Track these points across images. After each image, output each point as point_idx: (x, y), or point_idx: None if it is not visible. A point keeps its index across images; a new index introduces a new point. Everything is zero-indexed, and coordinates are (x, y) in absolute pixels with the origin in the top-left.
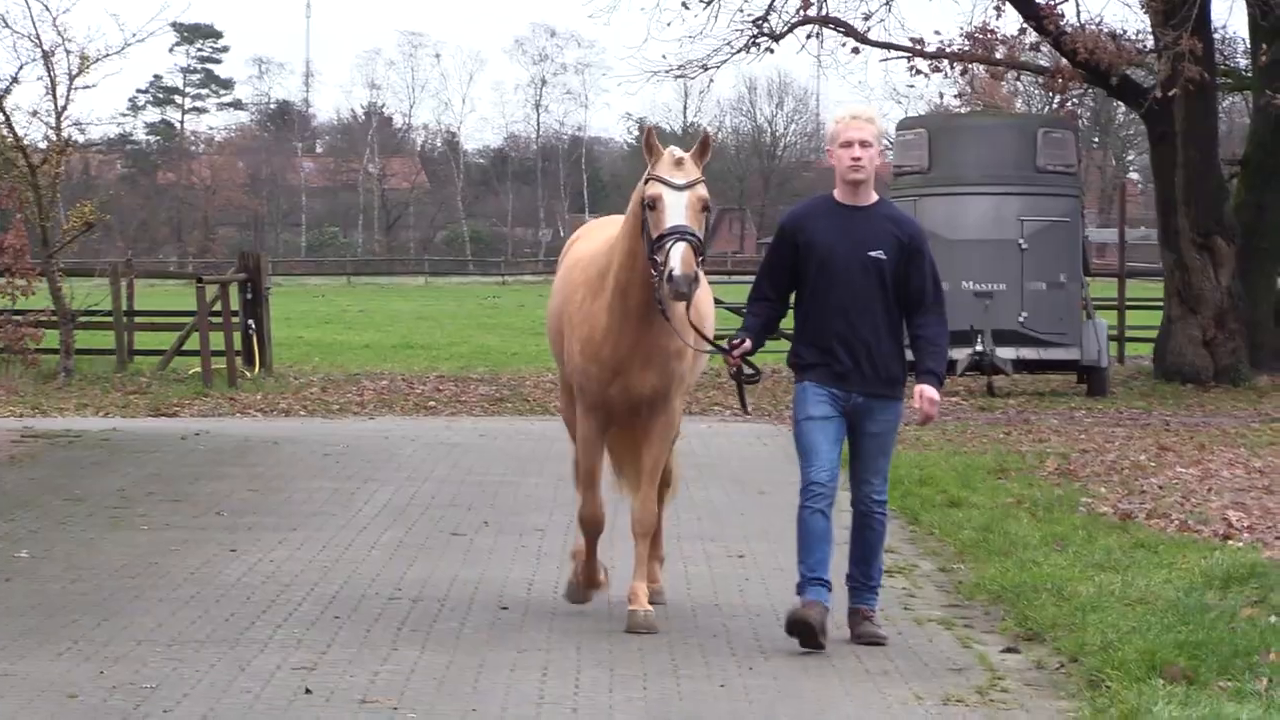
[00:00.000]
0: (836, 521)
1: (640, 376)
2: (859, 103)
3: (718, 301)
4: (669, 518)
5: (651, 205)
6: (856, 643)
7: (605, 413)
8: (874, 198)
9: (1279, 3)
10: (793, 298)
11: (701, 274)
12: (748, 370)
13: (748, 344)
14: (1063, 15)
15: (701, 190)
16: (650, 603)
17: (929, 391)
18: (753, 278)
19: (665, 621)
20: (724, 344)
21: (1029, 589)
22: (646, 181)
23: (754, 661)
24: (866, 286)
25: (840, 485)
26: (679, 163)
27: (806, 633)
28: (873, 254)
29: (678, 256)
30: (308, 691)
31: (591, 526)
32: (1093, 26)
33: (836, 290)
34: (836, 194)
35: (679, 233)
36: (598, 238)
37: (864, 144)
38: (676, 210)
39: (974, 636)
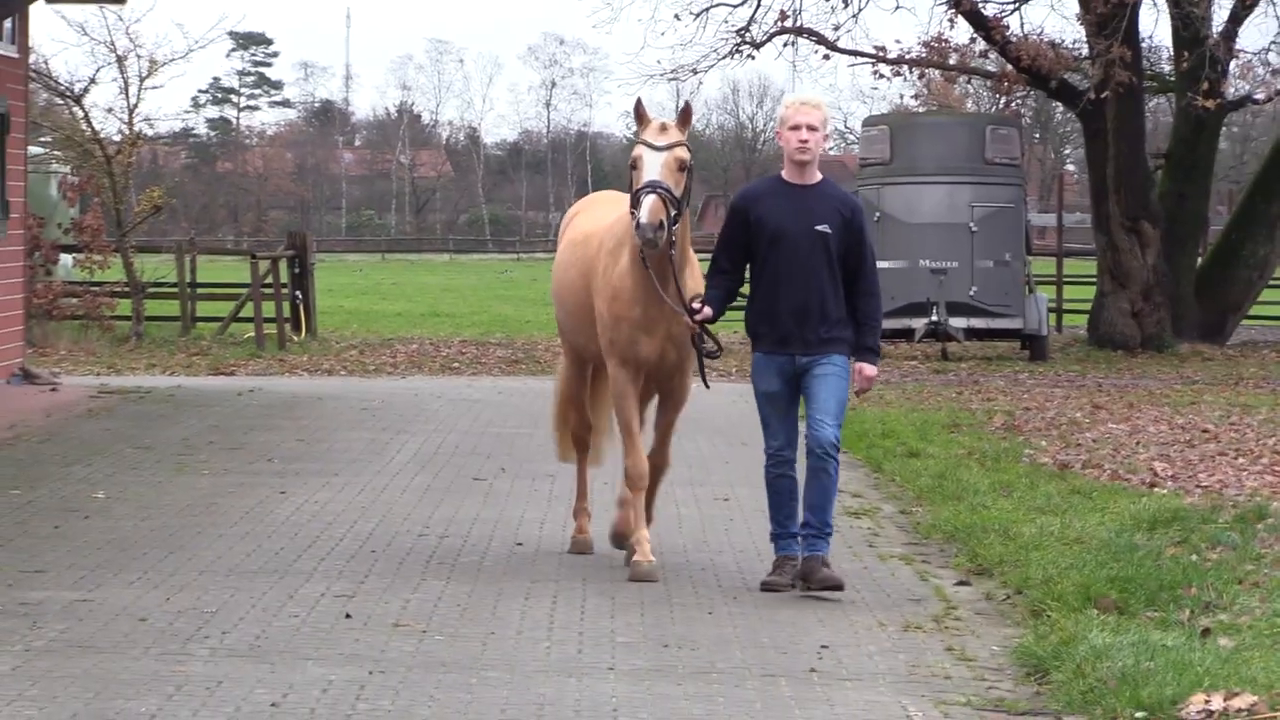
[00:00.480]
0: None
1: (665, 331)
2: (808, 91)
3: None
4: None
5: (633, 165)
6: (816, 587)
7: (635, 367)
8: (819, 177)
9: (1199, 15)
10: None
11: (693, 258)
12: (709, 345)
13: (708, 310)
14: (1008, 26)
15: (680, 152)
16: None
17: (867, 369)
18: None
19: (659, 556)
20: (689, 309)
21: (979, 529)
22: (635, 144)
23: (738, 593)
24: (814, 258)
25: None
26: (663, 128)
27: (777, 592)
28: (819, 228)
29: (646, 207)
30: (348, 616)
31: (638, 479)
32: (1034, 36)
33: (786, 261)
34: (784, 174)
35: (651, 186)
36: (600, 212)
37: (810, 128)
38: (653, 168)
39: (931, 571)
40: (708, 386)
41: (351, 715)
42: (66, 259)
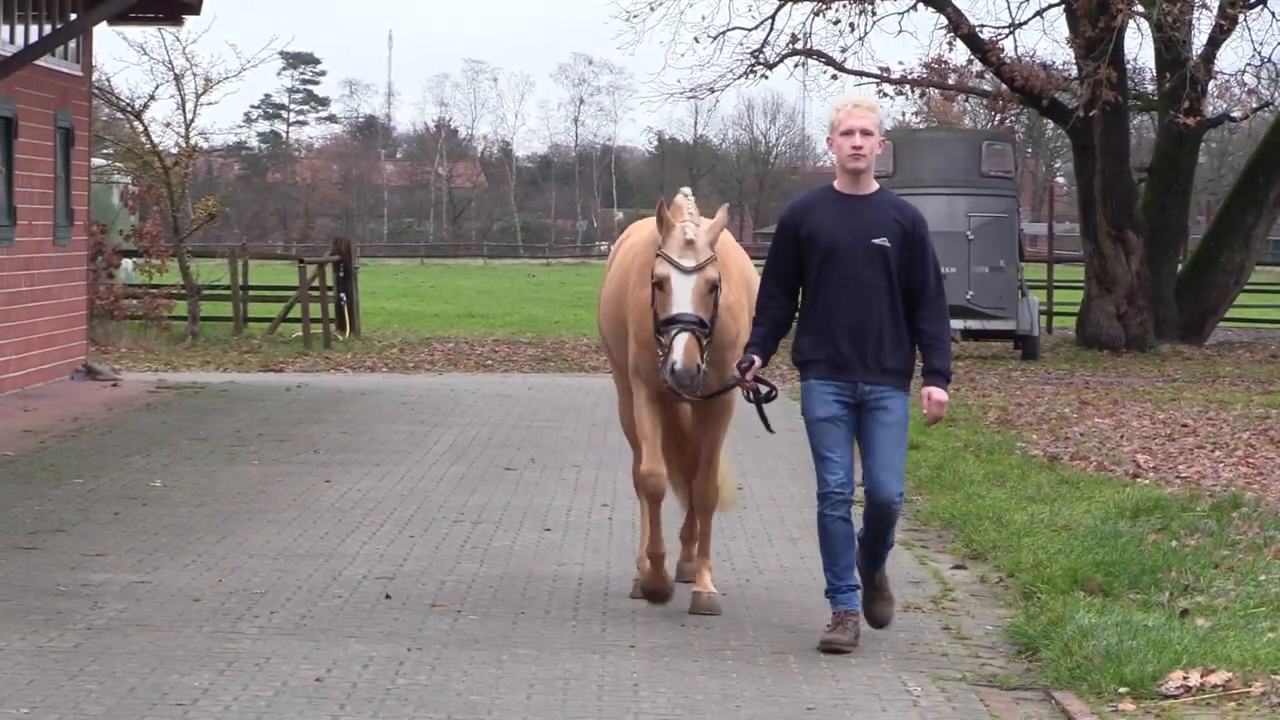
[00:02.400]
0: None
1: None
2: (859, 93)
3: None
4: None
5: (660, 285)
6: (876, 626)
7: (656, 388)
8: (874, 186)
9: (1180, 39)
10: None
11: (745, 273)
12: (764, 389)
13: (758, 362)
14: (1003, 49)
15: (710, 272)
16: (710, 610)
17: (937, 394)
18: (750, 254)
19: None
20: (735, 373)
21: (974, 517)
22: (656, 258)
23: (750, 575)
24: (871, 274)
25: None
26: (690, 243)
27: (839, 652)
28: (876, 241)
29: (680, 349)
30: (387, 597)
31: (653, 485)
32: (1027, 58)
33: (841, 279)
34: (837, 184)
35: (682, 323)
36: (646, 234)
37: (865, 132)
38: (683, 296)
39: (929, 556)
40: (771, 431)
41: (390, 690)
42: (127, 263)
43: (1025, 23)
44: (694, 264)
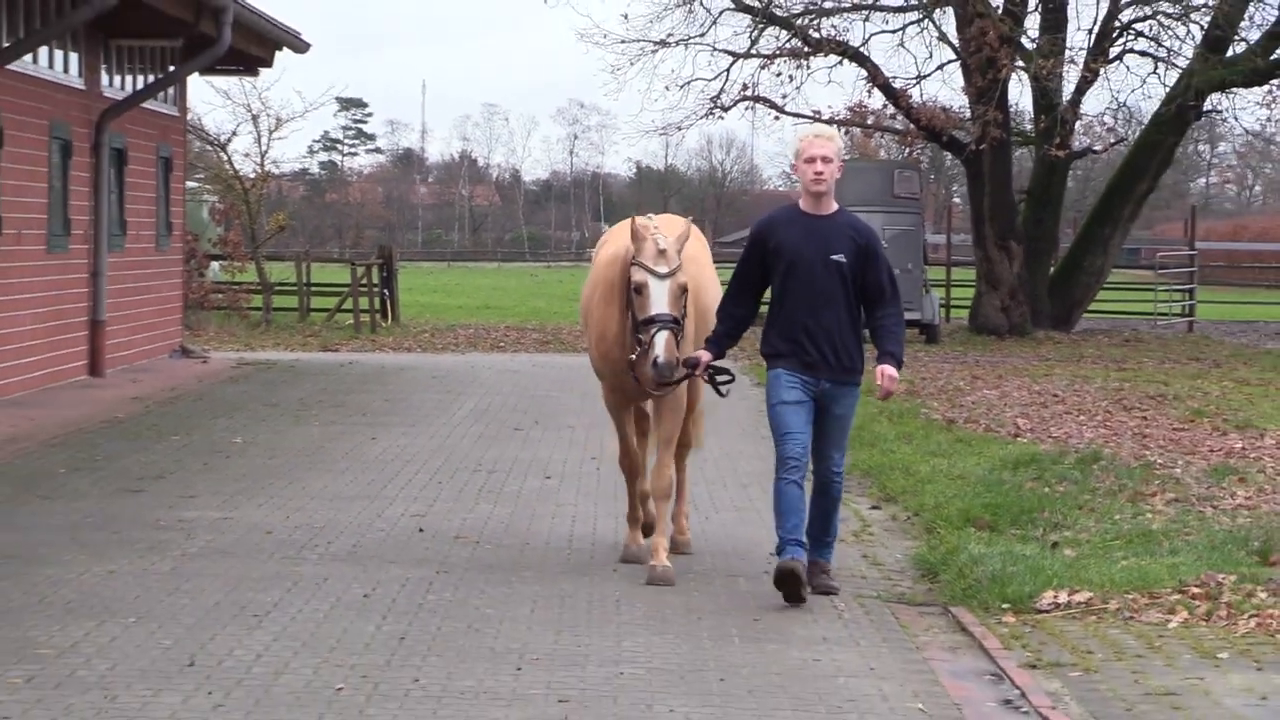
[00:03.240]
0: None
1: (645, 374)
2: (820, 124)
3: None
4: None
5: (638, 290)
6: (814, 592)
7: (623, 394)
8: (834, 207)
9: (1052, 88)
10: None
11: (714, 276)
12: (721, 377)
13: (707, 356)
14: (911, 96)
15: (681, 277)
16: (678, 552)
17: (890, 370)
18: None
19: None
20: (687, 365)
21: (887, 468)
22: (633, 265)
23: (709, 514)
24: (829, 285)
25: None
26: (662, 253)
27: (792, 582)
28: (834, 257)
29: (661, 344)
30: (420, 530)
31: (630, 469)
32: (930, 103)
33: (803, 289)
34: (801, 204)
35: (660, 322)
36: (619, 242)
37: (825, 159)
38: (659, 300)
39: (851, 499)
40: (722, 395)
41: (423, 604)
42: (215, 265)
43: (929, 75)
44: (667, 270)
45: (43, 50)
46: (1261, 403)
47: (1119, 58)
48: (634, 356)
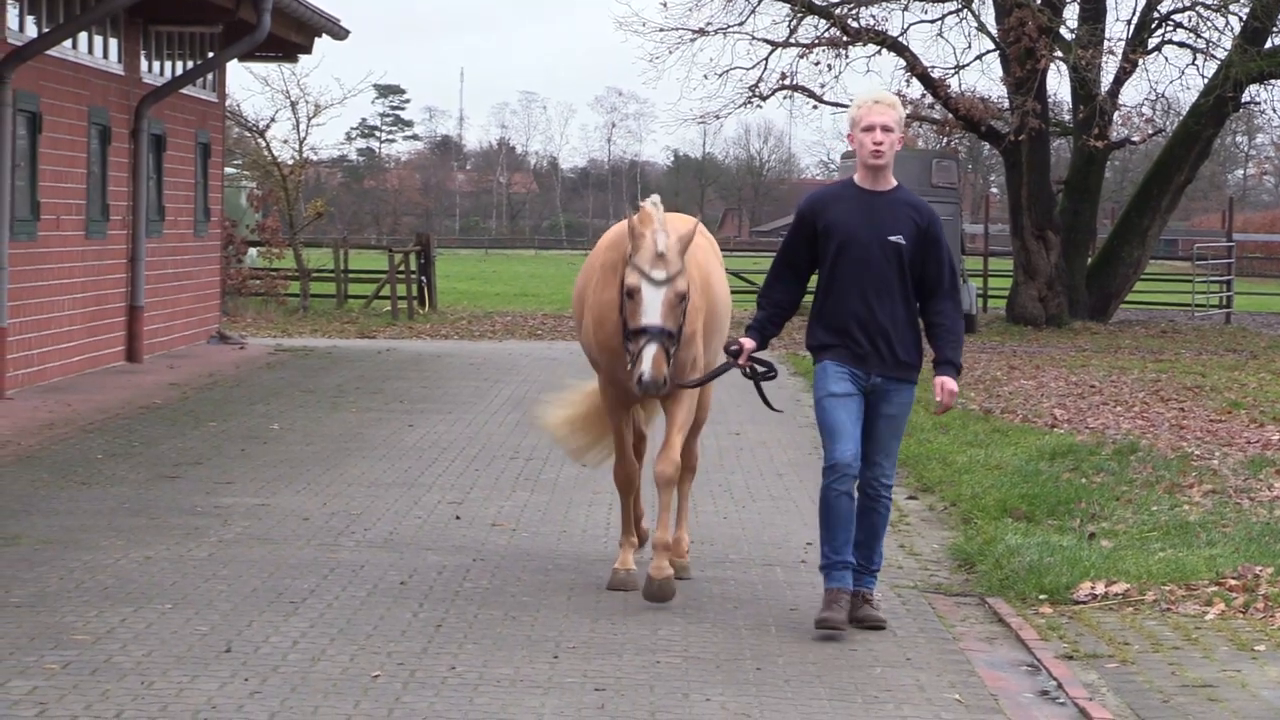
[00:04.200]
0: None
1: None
2: (878, 88)
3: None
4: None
5: (630, 295)
6: (856, 626)
7: (620, 387)
8: (894, 183)
9: (1091, 78)
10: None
11: (715, 281)
12: (760, 368)
13: (750, 343)
14: (950, 86)
15: (680, 284)
16: (677, 576)
17: (949, 384)
18: (748, 254)
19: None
20: (728, 356)
21: (924, 458)
22: (627, 267)
23: (746, 503)
24: (885, 270)
25: None
26: (660, 256)
27: (834, 631)
28: (892, 239)
29: (648, 359)
30: (457, 518)
31: (624, 482)
32: (969, 93)
33: (855, 273)
34: (857, 178)
35: (650, 334)
36: (611, 235)
37: (885, 129)
38: (653, 307)
39: None
40: (775, 409)
41: (459, 591)
42: (253, 251)
43: (967, 65)
44: (664, 276)
45: (82, 36)
46: None
47: (1158, 49)
48: (630, 367)
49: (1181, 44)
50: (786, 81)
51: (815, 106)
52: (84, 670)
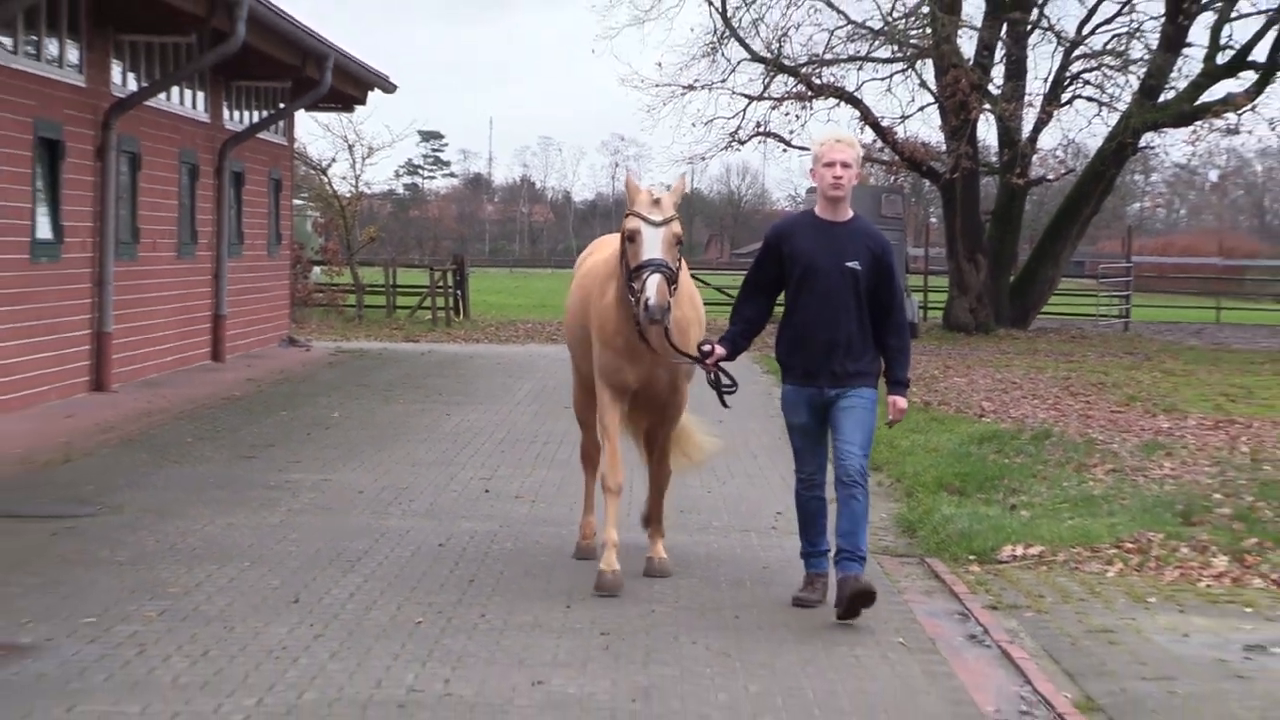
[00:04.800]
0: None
1: (651, 360)
2: (839, 129)
3: (720, 289)
4: (668, 502)
5: (630, 238)
6: (848, 603)
7: (620, 390)
8: (851, 214)
9: (1014, 127)
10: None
11: (692, 286)
12: (725, 380)
13: (721, 350)
14: (896, 132)
15: (675, 227)
16: (659, 574)
17: (900, 402)
18: (729, 271)
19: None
20: (700, 352)
21: (874, 443)
22: (627, 216)
23: (726, 479)
24: (843, 292)
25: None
26: (656, 202)
27: (809, 609)
28: (850, 264)
29: (653, 287)
30: (486, 491)
31: (614, 487)
32: (912, 139)
33: (817, 295)
34: (817, 209)
35: (653, 265)
36: (606, 254)
37: (844, 164)
38: (653, 245)
39: None
40: (726, 406)
41: (489, 552)
42: (317, 269)
43: (911, 115)
44: (661, 218)
45: (174, 90)
46: (1184, 390)
47: (1069, 102)
48: (634, 303)
49: (1089, 98)
50: (761, 129)
51: (785, 149)
52: (176, 617)
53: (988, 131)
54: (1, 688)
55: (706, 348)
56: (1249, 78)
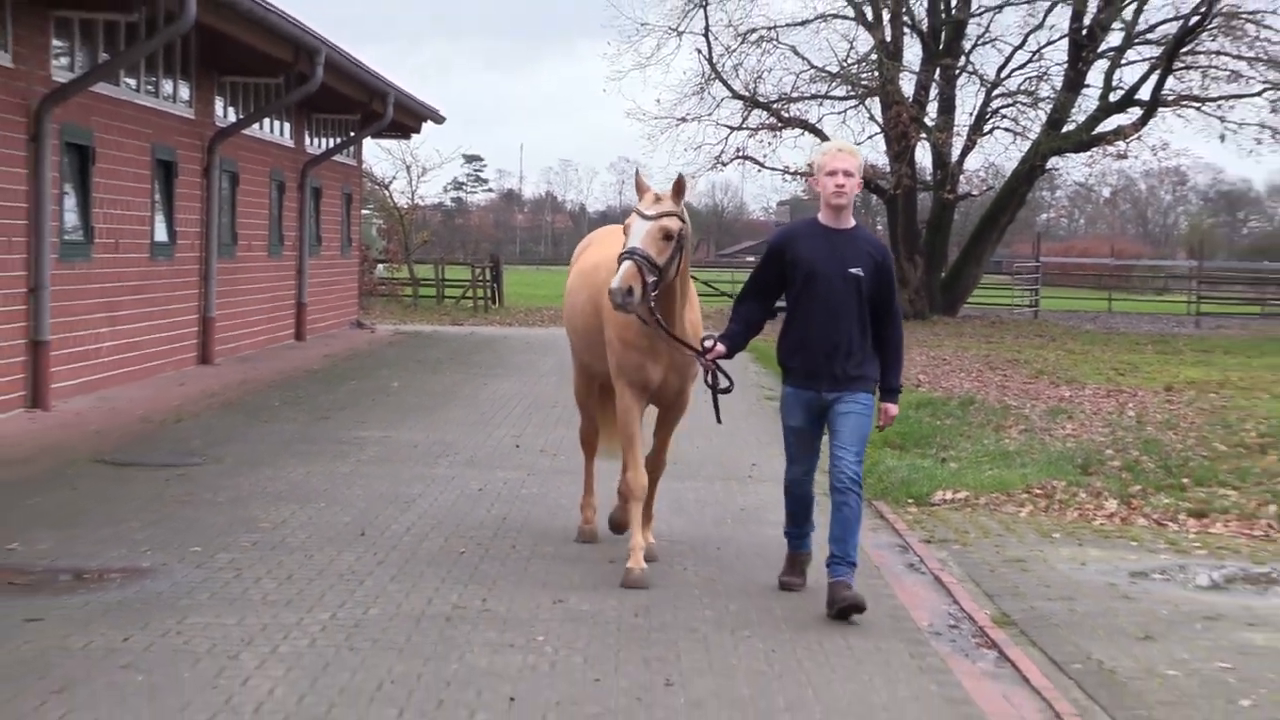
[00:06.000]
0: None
1: (669, 359)
2: (842, 139)
3: (707, 283)
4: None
5: (625, 230)
6: (839, 609)
7: (641, 388)
8: (852, 223)
9: (946, 152)
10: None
11: (693, 291)
12: (723, 381)
13: (721, 348)
14: None
15: (667, 222)
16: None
17: (892, 410)
18: (714, 269)
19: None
20: (701, 346)
21: None
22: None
23: (711, 436)
24: (845, 298)
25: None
26: (656, 199)
27: (791, 591)
28: (852, 270)
29: (619, 273)
30: (517, 446)
31: (638, 490)
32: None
33: (819, 301)
34: (820, 217)
35: (629, 253)
36: (607, 245)
37: (847, 173)
38: (637, 235)
39: None
40: (720, 421)
41: (518, 496)
42: (380, 266)
43: (861, 142)
44: (654, 213)
45: (266, 120)
46: (1083, 365)
47: (990, 132)
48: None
49: (1006, 129)
50: (740, 153)
51: (759, 170)
52: (266, 547)
53: (924, 156)
54: (126, 603)
55: (708, 343)
56: (1135, 112)
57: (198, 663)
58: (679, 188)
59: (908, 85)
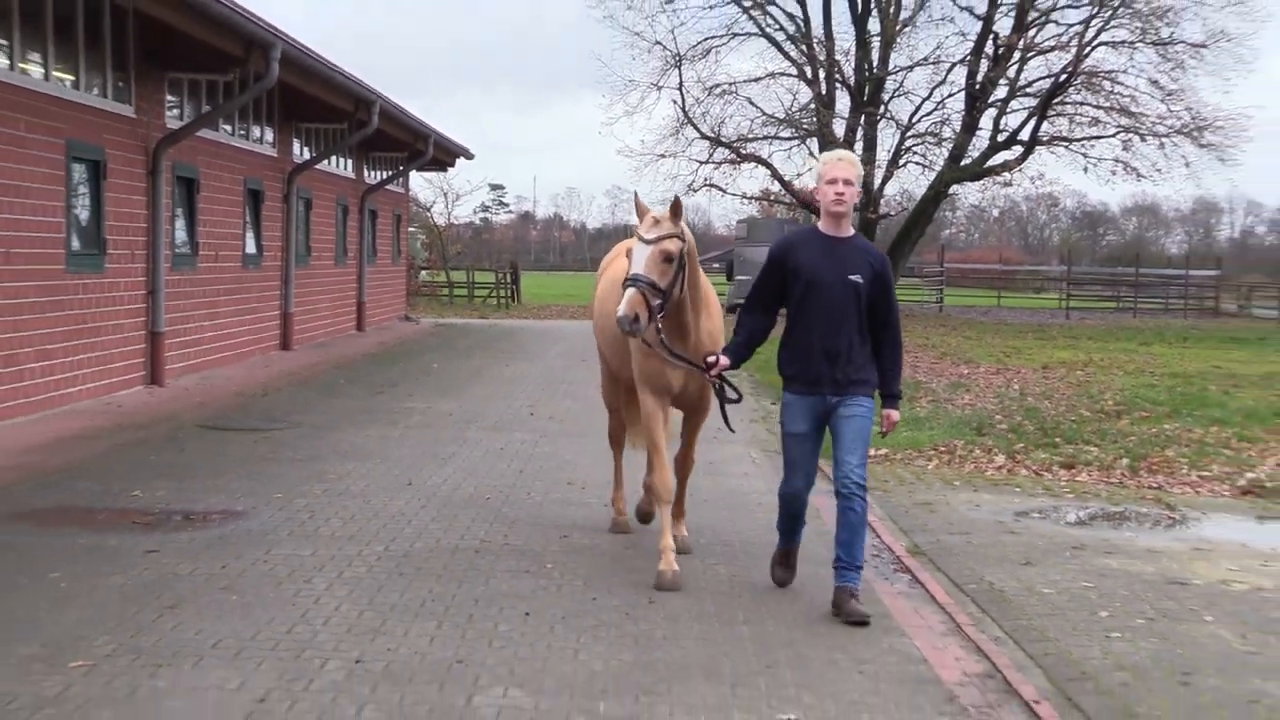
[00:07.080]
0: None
1: (689, 370)
2: (842, 149)
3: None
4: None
5: (628, 255)
6: (845, 621)
7: (663, 393)
8: (852, 231)
9: (869, 181)
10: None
11: (712, 294)
12: (730, 393)
13: (725, 361)
14: (794, 184)
15: (667, 244)
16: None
17: (894, 416)
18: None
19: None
20: (705, 363)
21: (777, 385)
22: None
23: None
24: (845, 304)
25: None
26: (655, 222)
27: (784, 586)
28: (852, 277)
29: (624, 301)
30: (531, 414)
31: (665, 492)
32: (805, 188)
33: (820, 306)
34: (821, 226)
35: (632, 281)
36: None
37: (847, 182)
38: (639, 261)
39: (764, 402)
40: (732, 430)
41: (532, 453)
42: (423, 272)
43: (804, 173)
44: (653, 236)
45: (333, 157)
46: (977, 349)
47: (904, 165)
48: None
49: (917, 163)
50: (707, 182)
51: (723, 195)
52: (334, 494)
53: (876, 182)
54: (224, 538)
55: (711, 359)
56: (1018, 150)
57: (280, 585)
58: (676, 209)
59: (839, 128)
